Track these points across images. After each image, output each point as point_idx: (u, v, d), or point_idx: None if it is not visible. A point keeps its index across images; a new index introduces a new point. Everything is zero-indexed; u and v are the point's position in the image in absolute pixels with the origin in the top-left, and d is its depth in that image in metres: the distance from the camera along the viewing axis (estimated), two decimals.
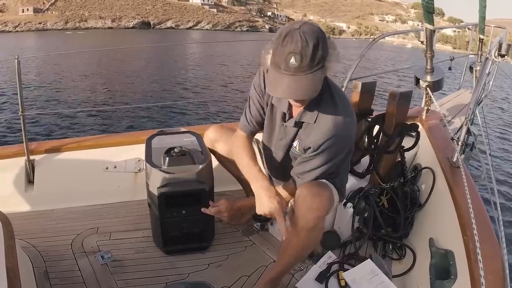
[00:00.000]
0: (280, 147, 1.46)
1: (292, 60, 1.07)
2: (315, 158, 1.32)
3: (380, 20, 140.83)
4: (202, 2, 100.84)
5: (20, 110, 1.99)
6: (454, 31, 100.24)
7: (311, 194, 1.30)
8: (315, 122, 1.29)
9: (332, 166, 1.34)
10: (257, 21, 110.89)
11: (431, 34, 2.15)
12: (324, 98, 1.27)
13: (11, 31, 62.94)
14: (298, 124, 1.35)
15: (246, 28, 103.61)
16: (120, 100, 11.16)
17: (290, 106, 1.36)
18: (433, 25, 2.10)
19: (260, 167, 1.42)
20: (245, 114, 1.51)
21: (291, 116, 1.38)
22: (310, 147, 1.31)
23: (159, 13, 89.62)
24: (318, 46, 1.07)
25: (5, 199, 1.99)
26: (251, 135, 1.55)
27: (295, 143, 1.40)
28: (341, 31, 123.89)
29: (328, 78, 1.31)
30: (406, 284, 1.67)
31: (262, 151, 1.70)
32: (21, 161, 2.04)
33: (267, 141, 1.56)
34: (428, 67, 2.35)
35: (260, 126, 1.52)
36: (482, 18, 3.63)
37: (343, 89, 2.17)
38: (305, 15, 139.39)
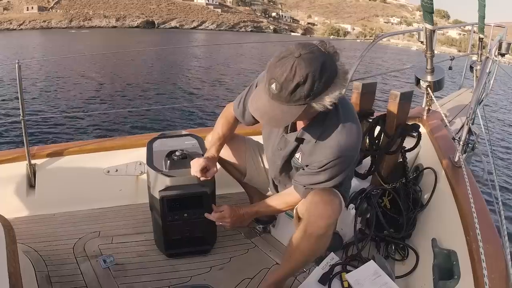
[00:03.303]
0: (279, 157, 1.45)
1: (273, 86, 1.04)
2: (320, 174, 1.29)
3: (385, 22, 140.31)
4: (207, 2, 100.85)
5: (21, 114, 1.99)
6: (459, 33, 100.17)
7: (323, 201, 1.29)
8: (316, 142, 1.26)
9: (338, 180, 1.32)
10: (262, 22, 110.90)
11: (431, 34, 2.16)
12: (329, 115, 1.22)
13: (15, 29, 63.31)
14: (299, 140, 1.32)
15: (251, 29, 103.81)
16: (121, 103, 11.17)
17: None
18: (433, 25, 2.10)
19: (217, 145, 1.58)
20: (240, 98, 1.51)
21: (294, 129, 1.35)
22: (314, 165, 1.29)
23: (163, 12, 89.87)
24: (304, 84, 1.01)
25: (7, 204, 1.99)
26: (235, 117, 1.58)
27: (298, 155, 1.38)
28: (346, 33, 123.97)
29: None
30: (410, 284, 1.67)
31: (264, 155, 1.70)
32: (22, 165, 2.04)
33: (266, 147, 1.55)
34: (429, 67, 2.35)
35: (246, 117, 1.51)
36: (482, 17, 3.63)
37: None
38: (309, 16, 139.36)
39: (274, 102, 1.08)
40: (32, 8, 71.07)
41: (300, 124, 1.32)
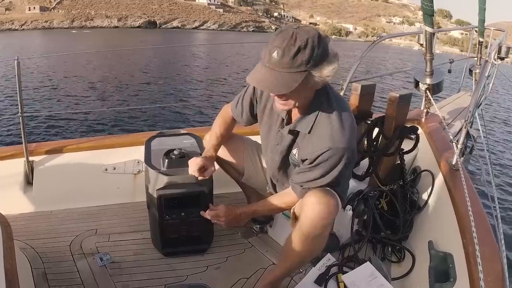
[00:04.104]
0: (276, 152, 1.45)
1: (275, 54, 1.08)
2: (314, 169, 1.29)
3: (387, 22, 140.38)
4: (209, 2, 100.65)
5: (20, 111, 1.99)
6: (462, 33, 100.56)
7: (320, 202, 1.29)
8: (309, 132, 1.27)
9: (333, 176, 1.31)
10: (264, 22, 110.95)
11: (430, 36, 2.16)
12: (322, 107, 1.25)
13: (17, 29, 63.34)
14: (293, 133, 1.34)
15: (252, 29, 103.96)
16: (120, 102, 11.16)
17: (288, 112, 1.36)
18: (433, 27, 2.11)
19: (215, 145, 1.61)
20: (238, 99, 1.56)
21: (289, 123, 1.36)
22: (307, 159, 1.30)
23: (165, 12, 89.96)
24: (305, 49, 1.06)
25: (4, 200, 1.99)
26: (233, 117, 1.63)
27: (295, 151, 1.38)
28: (348, 32, 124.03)
29: (329, 86, 1.29)
30: (406, 286, 1.67)
31: (262, 154, 1.70)
32: (20, 162, 2.04)
33: (265, 145, 1.56)
34: (428, 69, 2.36)
35: (244, 117, 1.57)
36: (482, 21, 3.65)
37: (342, 91, 2.17)
38: (311, 16, 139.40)
39: (275, 71, 1.11)
40: (34, 8, 71.14)
41: (294, 118, 1.34)
